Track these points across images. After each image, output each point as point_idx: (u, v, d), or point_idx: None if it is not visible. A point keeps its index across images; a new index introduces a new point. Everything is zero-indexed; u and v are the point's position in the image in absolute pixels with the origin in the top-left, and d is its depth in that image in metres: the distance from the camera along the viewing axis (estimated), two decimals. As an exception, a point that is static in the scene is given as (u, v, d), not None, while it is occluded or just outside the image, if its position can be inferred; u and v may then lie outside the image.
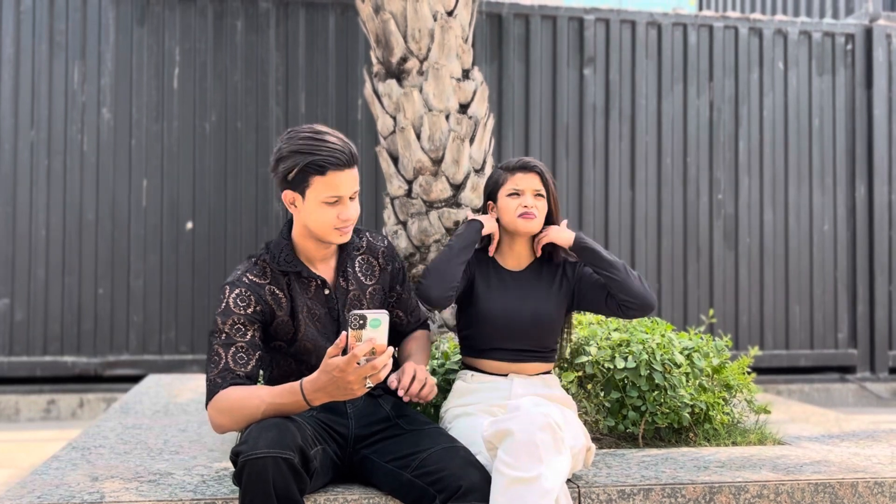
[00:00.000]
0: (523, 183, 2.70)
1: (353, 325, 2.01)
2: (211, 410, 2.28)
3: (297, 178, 2.31)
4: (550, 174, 2.77)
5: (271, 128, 6.68)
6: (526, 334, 2.67)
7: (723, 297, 7.31)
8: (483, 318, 2.67)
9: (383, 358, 2.03)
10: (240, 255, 6.59)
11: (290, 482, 2.06)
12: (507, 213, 2.70)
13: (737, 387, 3.28)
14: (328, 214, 2.33)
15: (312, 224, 2.35)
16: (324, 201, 2.31)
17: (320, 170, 2.27)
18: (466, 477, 2.18)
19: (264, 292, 2.39)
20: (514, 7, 7.09)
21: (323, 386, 2.08)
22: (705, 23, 7.41)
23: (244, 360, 2.30)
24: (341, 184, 2.30)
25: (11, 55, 6.43)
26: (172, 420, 3.74)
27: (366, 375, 2.04)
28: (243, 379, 2.28)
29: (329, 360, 2.05)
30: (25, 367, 6.35)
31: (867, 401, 7.28)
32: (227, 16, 6.68)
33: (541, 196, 2.71)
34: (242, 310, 2.33)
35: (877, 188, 7.52)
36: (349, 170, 2.32)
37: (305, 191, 2.32)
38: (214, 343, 2.31)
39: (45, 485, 2.54)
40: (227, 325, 2.31)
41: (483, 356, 2.69)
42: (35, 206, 6.42)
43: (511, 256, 2.77)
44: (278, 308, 2.40)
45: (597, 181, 7.16)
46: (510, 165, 2.75)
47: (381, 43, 3.78)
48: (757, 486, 2.58)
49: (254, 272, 2.40)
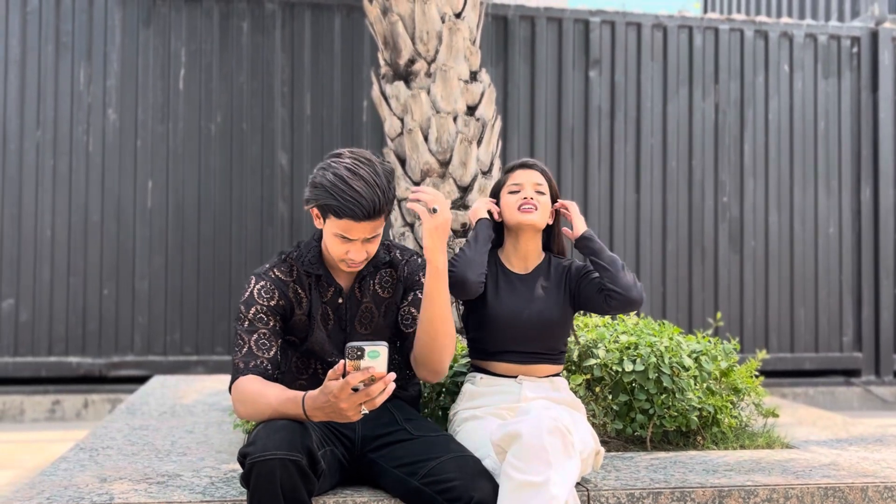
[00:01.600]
0: (522, 178, 2.74)
1: (350, 355, 2.01)
2: (233, 394, 2.34)
3: (319, 205, 2.34)
4: (552, 181, 2.81)
5: (276, 129, 6.68)
6: (533, 337, 2.67)
7: (728, 300, 7.30)
8: (491, 322, 2.67)
9: (379, 385, 2.03)
10: (245, 256, 6.59)
11: (299, 484, 2.07)
12: (508, 209, 2.73)
13: (745, 390, 3.28)
14: (339, 247, 2.36)
15: (328, 245, 2.40)
16: (335, 235, 2.34)
17: (336, 214, 2.29)
18: (478, 488, 2.18)
19: (287, 289, 2.44)
20: (520, 9, 7.09)
21: (320, 406, 2.09)
22: (711, 25, 7.40)
23: (266, 346, 2.36)
24: (353, 231, 2.31)
25: (18, 56, 6.44)
26: (179, 421, 3.74)
27: (360, 402, 2.05)
28: (266, 364, 2.34)
29: (327, 383, 2.07)
30: (30, 367, 6.36)
31: (872, 404, 7.27)
32: (233, 17, 6.68)
33: (542, 193, 2.73)
34: (266, 301, 2.40)
35: (882, 191, 7.51)
36: (367, 222, 2.30)
37: (324, 219, 2.36)
38: (238, 329, 2.39)
39: (54, 486, 2.54)
40: (251, 313, 2.38)
41: (492, 358, 2.69)
42: (40, 207, 6.42)
43: (517, 258, 2.78)
44: (298, 306, 2.46)
45: (602, 183, 7.15)
46: (511, 165, 2.83)
47: (388, 45, 3.78)
48: (766, 490, 2.57)
49: (281, 269, 2.46)
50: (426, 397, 3.07)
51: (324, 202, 2.29)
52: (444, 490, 2.20)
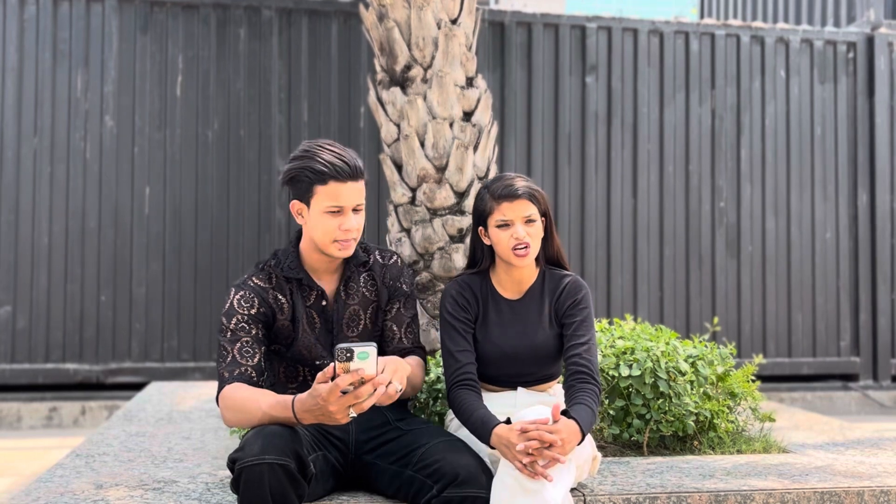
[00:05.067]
0: (511, 213, 2.52)
1: (339, 357, 2.02)
2: (220, 404, 2.35)
3: (302, 187, 2.38)
4: (541, 193, 2.60)
5: (274, 136, 6.69)
6: (527, 367, 2.62)
7: (725, 305, 7.30)
8: (483, 357, 2.59)
9: (367, 388, 2.04)
10: (242, 262, 6.59)
11: (287, 488, 2.07)
12: (500, 246, 2.56)
13: (741, 395, 3.28)
14: (330, 224, 2.37)
15: (316, 235, 2.41)
16: (325, 211, 2.36)
17: (321, 177, 2.34)
18: (463, 465, 2.21)
19: (268, 296, 2.46)
20: (517, 15, 7.10)
21: (309, 408, 2.11)
22: (707, 31, 7.42)
23: (250, 353, 2.38)
24: (342, 194, 2.36)
25: (15, 63, 6.44)
26: (176, 428, 3.74)
27: (349, 405, 2.05)
28: (250, 372, 2.35)
29: (316, 386, 2.08)
30: (27, 374, 6.35)
31: (870, 409, 7.27)
32: (230, 24, 6.69)
33: (532, 221, 2.55)
34: (246, 310, 2.42)
35: (879, 196, 7.52)
36: (351, 182, 2.37)
37: (310, 200, 2.39)
38: (221, 340, 2.41)
39: (49, 492, 2.54)
40: (232, 323, 2.40)
41: (487, 381, 2.66)
42: (38, 214, 6.42)
43: (511, 283, 2.65)
44: (280, 312, 2.46)
45: (599, 189, 7.16)
46: (497, 192, 2.56)
47: (385, 51, 3.79)
48: (763, 495, 2.57)
49: (259, 277, 2.49)
50: (422, 402, 3.07)
51: (308, 169, 2.35)
52: (432, 473, 2.22)
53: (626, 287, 7.14)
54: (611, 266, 7.12)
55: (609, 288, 7.10)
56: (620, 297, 7.11)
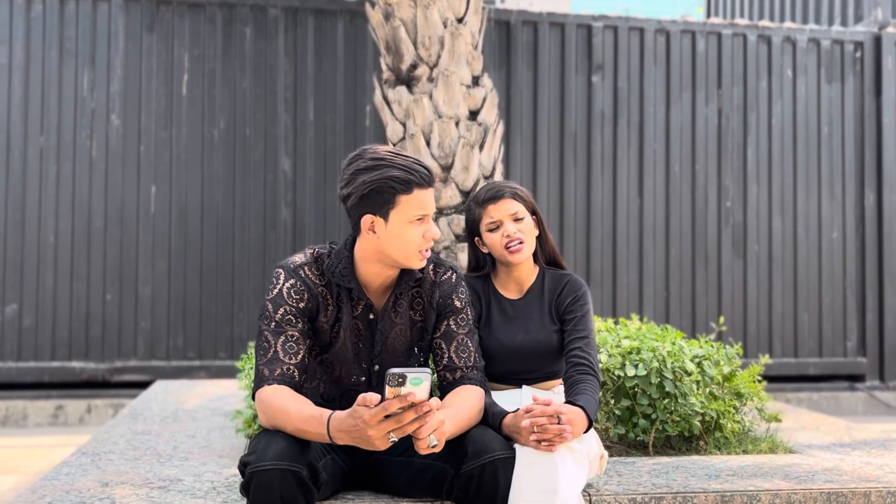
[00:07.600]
0: (497, 213, 2.61)
1: (391, 382, 1.90)
2: (257, 403, 2.22)
3: (382, 198, 2.21)
4: (524, 191, 2.66)
5: (280, 134, 6.69)
6: (531, 364, 2.65)
7: (731, 305, 7.28)
8: (487, 355, 2.61)
9: (410, 413, 1.94)
10: (248, 261, 6.59)
11: (298, 495, 2.04)
12: (495, 248, 2.63)
13: (747, 395, 3.27)
14: (415, 234, 2.24)
15: (395, 248, 2.25)
16: (411, 221, 2.23)
17: (406, 186, 2.19)
18: (471, 438, 2.18)
19: (317, 293, 2.32)
20: (523, 14, 7.09)
21: (347, 429, 2.00)
22: (714, 30, 7.40)
23: (294, 350, 2.24)
24: (425, 201, 2.24)
25: (21, 62, 6.45)
26: (181, 426, 3.74)
27: (390, 430, 1.95)
28: (293, 371, 2.22)
29: (357, 407, 1.96)
30: (33, 372, 6.36)
31: (876, 409, 7.24)
32: (236, 23, 6.70)
33: (520, 219, 2.61)
34: (295, 303, 2.27)
35: (886, 196, 7.49)
36: (430, 188, 2.26)
37: (389, 212, 2.22)
38: (264, 329, 2.26)
39: (55, 490, 2.54)
40: (279, 314, 2.25)
41: (491, 379, 2.67)
42: (44, 212, 6.43)
43: (512, 283, 2.71)
44: (323, 313, 2.33)
45: (605, 188, 7.15)
46: (480, 198, 2.65)
47: (391, 50, 3.79)
48: (769, 495, 2.56)
49: (311, 268, 2.33)
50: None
51: (391, 179, 2.18)
52: (441, 455, 2.16)
53: (632, 286, 7.13)
54: (616, 265, 7.10)
55: (615, 287, 7.09)
56: (626, 296, 7.10)
